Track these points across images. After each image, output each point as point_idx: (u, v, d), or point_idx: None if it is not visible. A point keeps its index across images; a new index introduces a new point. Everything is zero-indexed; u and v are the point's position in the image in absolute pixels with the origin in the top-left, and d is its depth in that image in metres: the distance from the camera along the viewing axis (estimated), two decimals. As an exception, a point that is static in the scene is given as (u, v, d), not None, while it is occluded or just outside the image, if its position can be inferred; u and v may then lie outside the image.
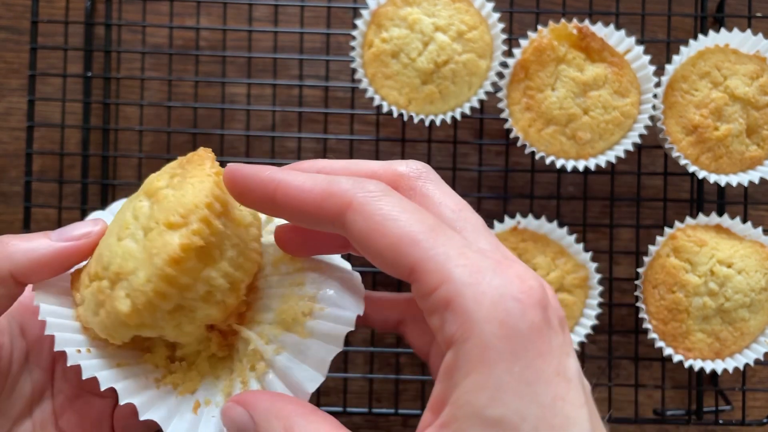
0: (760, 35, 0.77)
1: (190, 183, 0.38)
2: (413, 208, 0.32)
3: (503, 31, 0.79)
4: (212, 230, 0.36)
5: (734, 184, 0.77)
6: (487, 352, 0.28)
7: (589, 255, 0.78)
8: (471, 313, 0.28)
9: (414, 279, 0.31)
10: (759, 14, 0.85)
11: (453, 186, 0.84)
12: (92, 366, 0.38)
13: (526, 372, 0.28)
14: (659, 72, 0.79)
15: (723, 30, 0.79)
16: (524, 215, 0.80)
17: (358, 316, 0.39)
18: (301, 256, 0.40)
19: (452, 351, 0.29)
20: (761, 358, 0.75)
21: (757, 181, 0.77)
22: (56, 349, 0.38)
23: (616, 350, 0.85)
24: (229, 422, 0.36)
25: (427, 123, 0.78)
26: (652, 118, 0.79)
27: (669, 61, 0.79)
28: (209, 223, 0.36)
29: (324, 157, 0.87)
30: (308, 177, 0.35)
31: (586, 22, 0.77)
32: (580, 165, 0.77)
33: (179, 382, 0.40)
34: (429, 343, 0.42)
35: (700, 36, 0.79)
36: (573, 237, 0.78)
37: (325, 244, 0.39)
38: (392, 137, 0.86)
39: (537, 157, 0.78)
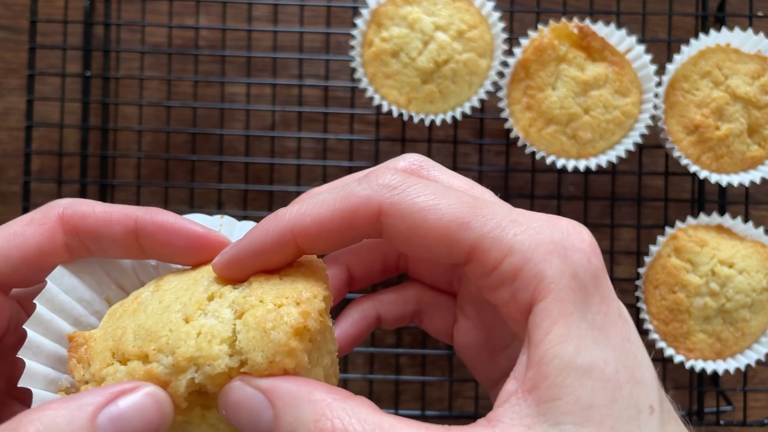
0: (761, 35, 0.77)
1: (300, 274, 0.34)
2: (443, 190, 0.32)
3: (504, 30, 0.79)
4: (321, 326, 0.32)
5: (735, 184, 0.77)
6: (565, 305, 0.29)
7: (589, 255, 0.78)
8: (543, 274, 0.30)
9: (472, 260, 0.31)
10: (760, 14, 0.85)
11: (453, 186, 0.84)
12: None
13: (596, 317, 0.29)
14: (660, 71, 0.78)
15: (724, 29, 0.79)
16: (525, 215, 0.79)
17: (374, 321, 0.38)
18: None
19: (531, 316, 0.30)
20: (762, 358, 0.75)
21: (758, 181, 0.77)
22: None
23: (617, 351, 0.85)
24: (234, 404, 0.30)
25: (427, 123, 0.78)
26: (653, 117, 0.78)
27: (670, 60, 0.79)
28: (322, 313, 0.32)
29: (324, 157, 0.87)
30: (317, 204, 0.33)
31: (587, 21, 0.77)
32: (581, 165, 0.77)
33: None
34: (451, 324, 0.43)
35: (701, 35, 0.79)
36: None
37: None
38: (392, 137, 0.86)
39: (537, 156, 0.78)
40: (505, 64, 0.78)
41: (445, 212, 0.31)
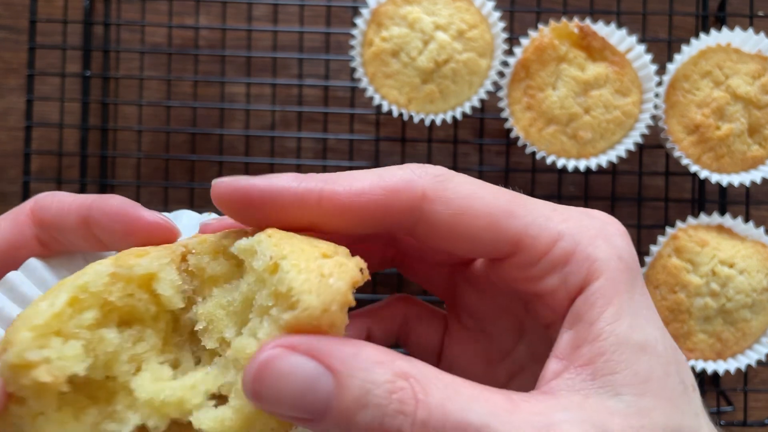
0: (762, 34, 0.77)
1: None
2: (483, 183, 0.33)
3: (504, 30, 0.78)
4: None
5: (736, 183, 0.77)
6: (617, 285, 0.30)
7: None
8: (596, 256, 0.31)
9: (519, 249, 0.32)
10: (761, 13, 0.85)
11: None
12: None
13: (642, 298, 0.31)
14: (661, 71, 0.78)
15: (725, 29, 0.79)
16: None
17: (366, 339, 0.37)
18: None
19: (581, 297, 0.31)
20: (763, 358, 0.75)
21: (759, 181, 0.76)
22: None
23: (618, 351, 0.85)
24: (277, 377, 0.26)
25: (427, 122, 0.78)
26: (653, 117, 0.78)
27: (670, 60, 0.79)
28: (349, 304, 0.29)
29: (324, 157, 0.86)
30: (354, 175, 0.32)
31: (587, 21, 0.77)
32: (581, 165, 0.77)
33: None
34: (439, 337, 0.42)
35: (702, 35, 0.78)
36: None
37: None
38: (392, 137, 0.85)
39: (538, 156, 0.77)
40: (505, 63, 0.78)
41: (490, 201, 0.32)
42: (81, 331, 0.31)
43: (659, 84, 0.78)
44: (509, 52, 0.80)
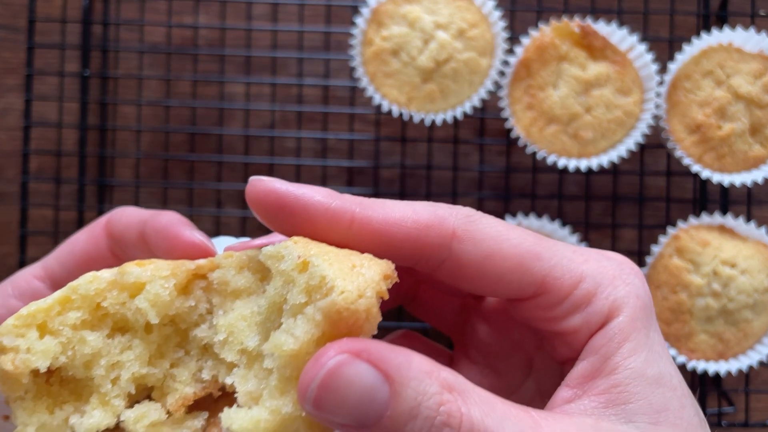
0: (764, 33, 0.77)
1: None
2: (509, 225, 0.34)
3: (505, 29, 0.78)
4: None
5: (738, 183, 0.77)
6: (635, 322, 0.32)
7: (591, 255, 0.77)
8: (616, 295, 0.33)
9: (544, 290, 0.33)
10: (762, 12, 0.85)
11: (454, 186, 0.84)
12: None
13: (656, 335, 0.33)
14: (662, 70, 0.78)
15: (726, 28, 0.78)
16: (526, 215, 0.79)
17: None
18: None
19: (600, 333, 0.32)
20: (764, 359, 0.75)
21: (760, 181, 0.76)
22: None
23: (619, 351, 0.84)
24: (343, 383, 0.26)
25: (427, 122, 0.77)
26: (654, 117, 0.78)
27: (672, 59, 0.79)
28: (383, 294, 0.30)
29: (324, 156, 0.86)
30: (391, 209, 0.33)
31: (588, 20, 0.76)
32: (582, 164, 0.76)
33: None
34: None
35: (703, 34, 0.78)
36: (575, 237, 0.78)
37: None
38: (392, 137, 0.85)
39: (539, 156, 0.77)
40: (506, 63, 0.78)
41: (518, 243, 0.33)
42: (64, 329, 0.33)
43: (660, 83, 0.77)
44: (510, 52, 0.79)
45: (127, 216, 0.41)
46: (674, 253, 0.76)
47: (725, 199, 0.83)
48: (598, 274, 0.33)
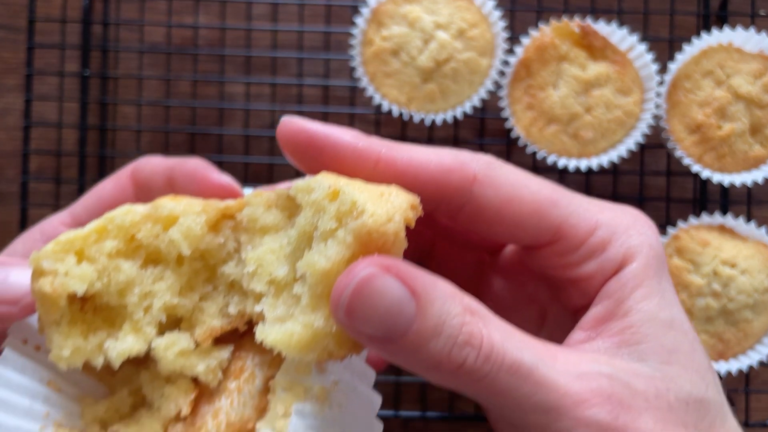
0: (764, 33, 0.77)
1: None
2: (528, 174, 0.35)
3: (504, 29, 0.78)
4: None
5: (738, 183, 0.77)
6: (648, 270, 0.33)
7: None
8: (629, 244, 0.34)
9: (560, 237, 0.34)
10: (762, 12, 0.85)
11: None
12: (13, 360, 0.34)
13: (668, 285, 0.34)
14: (662, 70, 0.78)
15: (726, 28, 0.78)
16: (526, 215, 0.79)
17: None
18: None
19: (614, 279, 0.33)
20: (765, 359, 0.75)
21: (760, 181, 0.76)
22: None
23: (619, 351, 0.84)
24: (372, 293, 0.27)
25: (427, 122, 0.77)
26: (655, 117, 0.78)
27: (672, 59, 0.79)
28: (409, 221, 0.31)
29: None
30: (415, 151, 0.34)
31: (588, 20, 0.76)
32: (582, 164, 0.76)
33: None
34: None
35: (703, 34, 0.78)
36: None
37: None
38: (392, 136, 0.85)
39: (539, 156, 0.77)
40: (506, 63, 0.78)
41: (536, 190, 0.34)
42: (100, 257, 0.34)
43: (661, 83, 0.77)
44: (510, 52, 0.79)
45: (153, 163, 0.43)
46: (674, 253, 0.76)
47: (725, 199, 0.83)
48: (614, 223, 0.34)
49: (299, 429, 0.31)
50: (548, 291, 0.40)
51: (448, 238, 0.43)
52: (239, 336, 0.37)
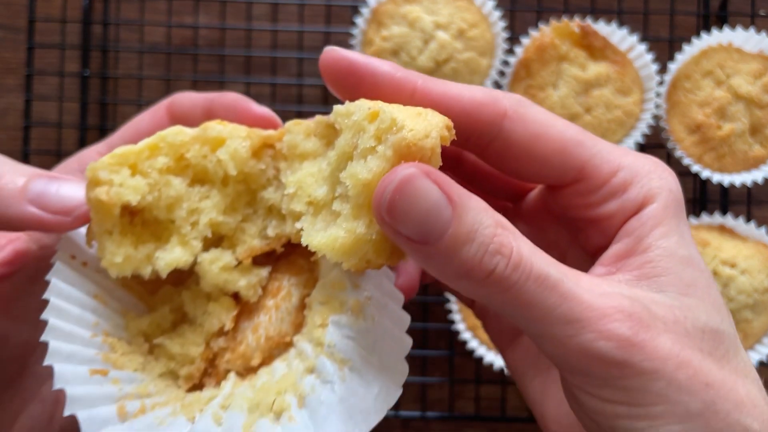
0: (763, 34, 0.77)
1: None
2: (556, 115, 0.36)
3: (504, 29, 0.78)
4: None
5: (737, 183, 0.77)
6: (668, 210, 0.35)
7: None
8: (650, 185, 0.35)
9: (584, 176, 0.36)
10: (762, 12, 0.85)
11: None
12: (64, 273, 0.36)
13: (685, 227, 0.35)
14: (662, 71, 0.78)
15: (726, 28, 0.78)
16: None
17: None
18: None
19: (635, 218, 0.35)
20: (765, 359, 0.75)
21: (760, 181, 0.76)
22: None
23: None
24: (413, 193, 0.29)
25: (427, 122, 0.77)
26: (654, 117, 0.78)
27: (672, 59, 0.79)
28: (445, 140, 0.32)
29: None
30: (450, 85, 0.36)
31: (588, 20, 0.76)
32: (582, 164, 0.76)
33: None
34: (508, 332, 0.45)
35: (703, 34, 0.78)
36: (575, 237, 0.78)
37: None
38: (392, 136, 0.85)
39: (538, 156, 0.77)
40: (506, 63, 0.78)
41: (563, 129, 0.35)
42: (152, 171, 0.37)
43: (660, 83, 0.77)
44: (510, 52, 0.79)
45: (190, 97, 0.45)
46: (674, 253, 0.76)
47: (725, 199, 0.83)
48: (636, 166, 0.35)
49: (336, 337, 0.34)
50: (568, 236, 0.41)
51: (474, 184, 0.45)
52: (275, 259, 0.40)
